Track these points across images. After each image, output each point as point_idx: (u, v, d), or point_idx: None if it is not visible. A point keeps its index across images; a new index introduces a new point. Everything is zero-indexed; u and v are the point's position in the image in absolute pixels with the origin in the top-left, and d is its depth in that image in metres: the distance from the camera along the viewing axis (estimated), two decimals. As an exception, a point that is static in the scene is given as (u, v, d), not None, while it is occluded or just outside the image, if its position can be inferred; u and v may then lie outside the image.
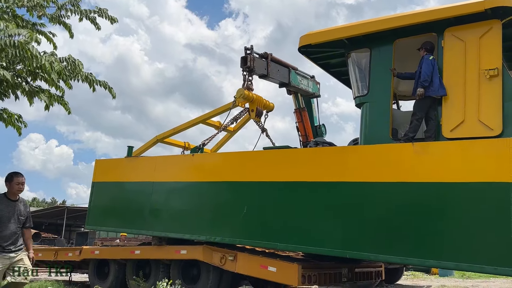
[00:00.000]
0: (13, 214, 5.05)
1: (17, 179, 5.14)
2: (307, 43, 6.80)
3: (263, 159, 6.96)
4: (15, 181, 5.12)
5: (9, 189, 5.14)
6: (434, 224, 5.23)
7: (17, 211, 5.11)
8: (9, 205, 5.07)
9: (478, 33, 5.57)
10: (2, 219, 4.99)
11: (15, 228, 5.06)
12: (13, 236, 5.01)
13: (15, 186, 5.12)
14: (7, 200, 5.10)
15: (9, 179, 5.14)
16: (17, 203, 5.15)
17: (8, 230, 4.98)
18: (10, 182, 5.12)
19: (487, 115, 5.33)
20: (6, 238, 4.96)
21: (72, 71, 6.41)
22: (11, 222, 5.01)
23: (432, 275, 15.24)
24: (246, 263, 6.85)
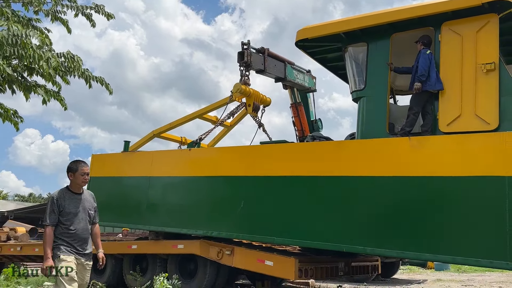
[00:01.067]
0: (81, 209, 4.34)
1: (82, 169, 4.36)
2: (304, 37, 6.78)
3: (260, 154, 6.96)
4: (80, 171, 4.35)
5: (74, 181, 4.39)
6: (431, 218, 5.26)
7: (85, 206, 4.40)
8: (75, 199, 4.35)
9: (475, 27, 5.56)
10: (70, 216, 4.26)
11: (85, 225, 4.34)
12: (83, 235, 4.32)
13: (79, 178, 4.35)
14: (72, 194, 4.37)
15: (74, 169, 4.35)
16: (83, 196, 4.43)
17: (78, 228, 4.28)
18: (74, 173, 4.35)
19: (484, 109, 5.34)
20: (77, 238, 4.27)
21: (70, 67, 6.38)
22: (79, 218, 4.30)
23: (428, 269, 15.35)
24: (243, 257, 6.87)
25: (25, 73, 6.83)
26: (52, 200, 4.27)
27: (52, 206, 4.23)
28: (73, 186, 4.39)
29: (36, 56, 5.43)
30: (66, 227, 4.23)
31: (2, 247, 10.90)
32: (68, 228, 4.23)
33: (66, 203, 4.28)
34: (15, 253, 10.61)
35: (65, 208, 4.25)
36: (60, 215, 4.22)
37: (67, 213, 4.24)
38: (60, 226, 4.23)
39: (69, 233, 4.23)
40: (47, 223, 4.19)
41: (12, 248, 10.70)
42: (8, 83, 6.55)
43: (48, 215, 4.21)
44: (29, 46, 5.30)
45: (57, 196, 4.28)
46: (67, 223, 4.23)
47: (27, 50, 5.30)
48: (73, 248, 4.22)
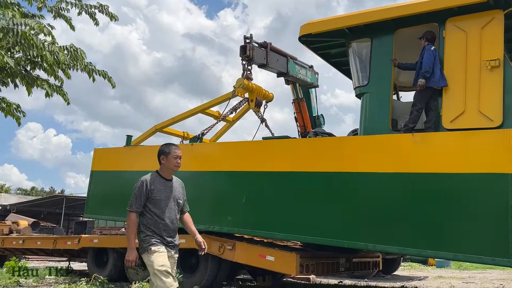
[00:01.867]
0: (172, 197, 3.93)
1: (174, 152, 3.98)
2: (308, 32, 6.75)
3: (262, 149, 6.95)
4: (173, 154, 3.96)
5: (165, 165, 3.97)
6: (433, 215, 5.25)
7: (175, 194, 3.98)
8: (166, 186, 3.93)
9: (480, 23, 5.52)
10: (160, 204, 3.84)
11: (174, 215, 3.94)
12: (173, 225, 3.91)
13: (172, 161, 3.95)
14: (162, 180, 3.94)
15: (166, 152, 3.97)
16: (173, 183, 4.02)
17: (168, 217, 3.86)
18: (166, 156, 3.96)
19: (488, 106, 5.31)
20: (167, 228, 3.85)
21: (73, 60, 6.38)
22: (169, 207, 3.88)
23: (429, 266, 15.37)
24: (244, 252, 6.87)
25: (28, 67, 6.84)
26: (142, 183, 3.83)
27: (140, 190, 3.80)
28: (164, 171, 3.97)
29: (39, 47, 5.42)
30: (155, 216, 3.79)
31: (5, 240, 10.96)
32: (157, 217, 3.80)
33: (157, 188, 3.85)
34: (17, 246, 10.66)
35: (155, 194, 3.82)
36: (148, 201, 3.80)
37: (156, 200, 3.81)
38: (148, 214, 3.79)
39: (158, 222, 3.80)
40: (132, 209, 3.77)
41: (15, 241, 10.75)
42: (11, 76, 6.56)
43: (135, 199, 3.79)
44: (30, 37, 5.29)
45: (149, 180, 3.85)
46: (155, 211, 3.80)
47: (28, 41, 5.29)
48: (162, 239, 3.81)
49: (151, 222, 3.79)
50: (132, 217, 3.76)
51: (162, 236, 3.80)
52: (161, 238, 3.79)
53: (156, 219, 3.80)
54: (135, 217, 3.76)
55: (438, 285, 9.39)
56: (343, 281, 9.70)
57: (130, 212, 3.78)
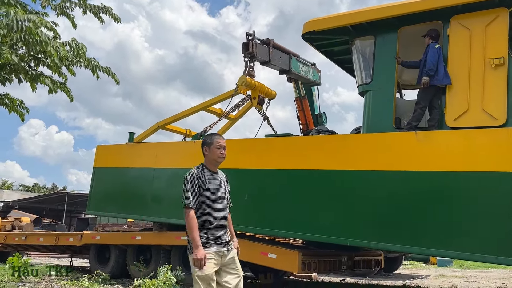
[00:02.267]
0: (220, 192, 3.66)
1: (217, 142, 3.71)
2: (311, 29, 6.73)
3: (265, 147, 6.95)
4: (216, 144, 3.69)
5: (209, 156, 3.70)
6: (436, 213, 5.23)
7: (223, 188, 3.71)
8: (214, 179, 3.66)
9: (484, 21, 5.50)
10: (211, 199, 3.58)
11: (225, 211, 3.66)
12: (224, 222, 3.62)
13: (215, 152, 3.67)
14: (209, 173, 3.67)
15: (208, 143, 3.72)
16: (219, 177, 3.74)
17: (218, 214, 3.58)
18: (209, 147, 3.70)
19: (492, 104, 5.29)
20: (218, 226, 3.55)
21: (76, 55, 6.39)
22: (220, 203, 3.62)
23: (431, 264, 15.36)
24: (246, 249, 6.84)
25: (32, 63, 6.85)
26: (192, 178, 3.56)
27: (192, 185, 3.53)
28: (209, 163, 3.70)
29: (43, 42, 5.43)
30: (206, 213, 3.54)
31: (7, 236, 10.99)
32: (208, 213, 3.53)
33: (206, 182, 3.58)
34: (19, 242, 10.69)
35: (206, 189, 3.56)
36: (200, 196, 3.55)
37: (207, 195, 3.56)
38: (201, 210, 3.54)
39: (209, 219, 3.53)
40: (190, 205, 3.48)
41: (17, 237, 10.78)
42: (15, 72, 6.57)
43: (191, 195, 3.50)
44: (35, 32, 5.30)
45: (198, 173, 3.58)
46: (206, 207, 3.55)
47: (33, 36, 5.30)
48: (214, 238, 3.51)
49: (202, 219, 3.51)
50: (191, 213, 3.46)
51: (213, 234, 3.51)
52: (212, 237, 3.49)
53: (207, 216, 3.53)
54: (194, 213, 3.47)
55: (440, 283, 9.38)
56: (345, 279, 9.71)
57: (187, 208, 3.49)
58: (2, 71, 6.54)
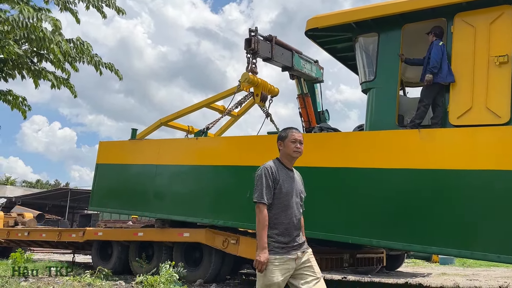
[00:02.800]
0: (295, 191, 3.33)
1: (292, 135, 3.38)
2: (314, 26, 6.71)
3: (267, 144, 6.93)
4: (290, 138, 3.36)
5: (284, 151, 3.39)
6: (438, 211, 5.22)
7: (297, 187, 3.38)
8: (289, 176, 3.33)
9: (488, 18, 5.47)
10: (287, 197, 3.26)
11: (298, 212, 3.33)
12: (298, 223, 3.29)
13: (290, 146, 3.35)
14: (285, 169, 3.35)
15: (283, 136, 3.41)
16: (295, 175, 3.42)
17: (294, 214, 3.25)
18: (283, 141, 3.39)
19: (495, 102, 5.26)
20: (291, 228, 3.22)
21: (79, 53, 6.39)
22: (295, 202, 3.30)
23: (433, 263, 15.34)
24: (248, 246, 6.87)
25: (35, 59, 6.85)
26: (267, 171, 3.24)
27: (267, 179, 3.20)
28: (284, 158, 3.39)
29: (46, 39, 5.43)
30: (280, 211, 3.21)
31: (10, 232, 11.03)
32: (283, 213, 3.21)
33: (282, 178, 3.27)
34: (22, 238, 10.73)
35: (281, 185, 3.24)
36: (274, 193, 3.22)
37: (283, 192, 3.23)
38: (273, 209, 3.21)
39: (284, 219, 3.21)
40: (264, 201, 3.15)
41: (20, 233, 10.82)
42: (18, 68, 6.58)
43: (264, 189, 3.17)
44: (39, 30, 5.30)
45: (274, 168, 3.27)
46: (281, 206, 3.22)
47: (37, 34, 5.30)
48: (285, 243, 3.18)
49: (274, 219, 3.18)
50: (263, 210, 3.14)
51: (285, 236, 3.18)
52: (284, 240, 3.17)
53: (281, 215, 3.20)
54: (266, 210, 3.15)
55: (442, 282, 9.36)
56: (346, 277, 9.70)
57: (260, 204, 3.15)
58: (5, 66, 6.55)
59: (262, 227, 3.13)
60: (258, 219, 3.15)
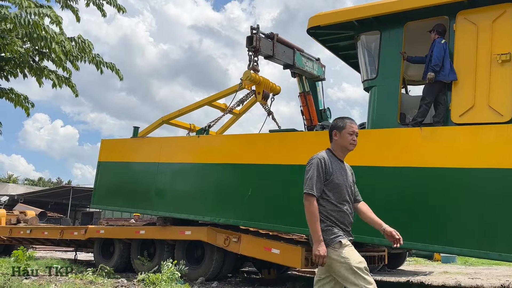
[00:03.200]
0: (347, 183, 3.21)
1: (350, 126, 3.22)
2: (316, 24, 6.70)
3: (269, 142, 6.94)
4: (348, 129, 3.21)
5: (338, 142, 3.22)
6: (440, 209, 5.21)
7: (349, 180, 3.25)
8: (342, 168, 3.21)
9: (491, 16, 5.45)
10: (340, 189, 3.12)
11: (351, 204, 3.24)
12: (352, 216, 3.22)
13: (347, 138, 3.20)
14: (338, 160, 3.22)
15: (340, 126, 3.22)
16: (346, 167, 3.29)
17: (347, 206, 3.16)
18: (340, 131, 3.21)
19: (498, 100, 5.25)
20: (348, 220, 3.16)
21: (81, 51, 6.40)
22: (348, 194, 3.19)
23: (435, 261, 15.32)
24: (250, 244, 6.89)
25: (37, 57, 6.86)
26: (320, 162, 3.10)
27: (318, 170, 3.07)
28: (337, 150, 3.23)
29: (48, 37, 5.43)
30: (333, 204, 3.09)
31: (12, 230, 11.06)
32: (336, 205, 3.09)
33: (335, 170, 3.13)
34: (24, 236, 10.76)
35: (334, 177, 3.10)
36: (326, 185, 3.09)
37: (335, 184, 3.10)
38: (325, 201, 3.08)
39: (340, 211, 3.09)
40: (313, 192, 3.03)
41: (22, 231, 10.85)
42: (20, 67, 6.59)
43: (315, 180, 3.05)
44: (41, 28, 5.30)
45: (326, 159, 3.13)
46: (334, 198, 3.09)
47: (39, 32, 5.31)
48: (346, 233, 3.11)
49: (332, 210, 3.07)
50: (314, 202, 3.01)
51: (345, 229, 3.10)
52: (344, 232, 3.09)
53: (337, 207, 3.08)
54: (316, 202, 3.03)
55: (444, 280, 9.35)
56: (348, 275, 9.68)
57: (309, 196, 3.03)
58: (7, 65, 6.56)
59: (315, 219, 3.00)
60: (309, 211, 3.02)
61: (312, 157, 3.18)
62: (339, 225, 3.08)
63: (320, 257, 2.95)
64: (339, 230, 3.05)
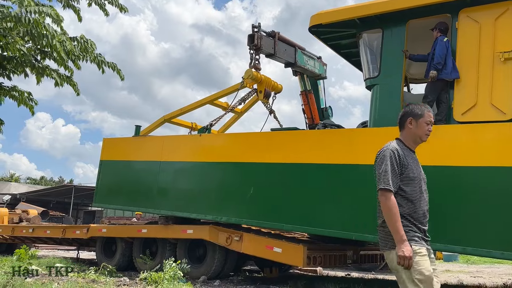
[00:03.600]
0: (422, 176, 2.93)
1: (429, 114, 2.94)
2: (318, 22, 6.68)
3: (271, 141, 6.93)
4: (426, 118, 2.91)
5: (413, 132, 2.93)
6: (442, 208, 5.19)
7: (422, 171, 2.97)
8: (416, 160, 2.92)
9: (493, 14, 5.43)
10: (415, 184, 2.83)
11: (427, 199, 2.94)
12: (428, 213, 2.92)
13: (424, 128, 2.91)
14: (410, 152, 2.92)
15: (417, 114, 2.90)
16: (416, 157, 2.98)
17: (424, 202, 2.88)
18: (417, 120, 2.91)
19: (500, 98, 5.23)
20: (425, 218, 2.86)
21: (83, 51, 6.40)
22: (424, 189, 2.90)
23: (437, 259, 15.32)
24: (251, 243, 6.89)
25: (38, 56, 6.87)
26: (393, 154, 2.78)
27: (392, 163, 2.76)
28: (409, 140, 2.93)
29: (49, 36, 5.43)
30: (409, 200, 2.77)
31: (15, 229, 11.09)
32: (412, 202, 2.78)
33: (409, 162, 2.82)
34: (27, 234, 10.78)
35: (409, 169, 2.80)
36: (400, 180, 2.77)
37: (411, 177, 2.80)
38: (400, 198, 2.77)
39: (417, 208, 2.79)
40: (390, 187, 2.71)
41: (24, 230, 10.87)
42: (21, 66, 6.59)
43: (391, 175, 2.73)
44: (42, 26, 5.30)
45: (400, 150, 2.82)
46: (410, 194, 2.78)
47: (40, 30, 5.31)
48: (423, 234, 2.82)
49: (408, 207, 2.76)
50: (392, 197, 2.70)
51: (423, 229, 2.82)
52: (422, 233, 2.80)
53: (413, 204, 2.78)
54: (394, 198, 2.71)
55: (446, 279, 9.34)
56: (350, 274, 9.70)
57: (386, 191, 2.71)
58: (9, 64, 6.56)
59: (396, 216, 2.67)
60: (387, 208, 2.69)
61: (382, 149, 2.86)
62: (416, 224, 2.77)
63: (406, 258, 2.63)
64: (415, 232, 2.74)
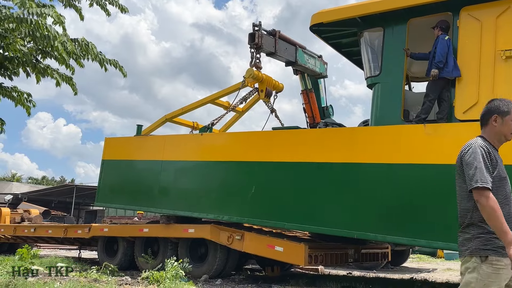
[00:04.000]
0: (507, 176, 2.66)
1: None
2: (319, 21, 6.68)
3: (272, 140, 6.93)
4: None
5: (498, 129, 2.71)
6: (443, 206, 5.19)
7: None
8: (500, 159, 2.68)
9: (495, 12, 5.43)
10: (502, 184, 2.59)
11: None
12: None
13: (510, 125, 2.68)
14: (495, 151, 2.70)
15: (503, 111, 2.68)
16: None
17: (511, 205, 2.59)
18: (503, 117, 2.68)
19: (502, 97, 5.20)
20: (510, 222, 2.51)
21: (84, 52, 6.40)
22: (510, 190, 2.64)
23: (438, 258, 15.31)
24: (253, 242, 6.89)
25: (39, 56, 6.86)
26: (483, 151, 2.58)
27: (484, 160, 2.54)
28: (493, 138, 2.71)
29: (51, 37, 5.43)
30: (501, 203, 2.50)
31: (17, 228, 11.11)
32: (503, 204, 2.52)
33: (498, 160, 2.62)
34: (29, 234, 10.80)
35: (500, 169, 2.58)
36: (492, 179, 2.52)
37: (501, 177, 2.57)
38: None
39: (506, 213, 2.51)
40: (486, 184, 2.46)
41: (26, 229, 10.89)
42: (22, 66, 6.59)
43: (486, 172, 2.50)
44: (44, 27, 5.30)
45: (489, 147, 2.63)
46: (500, 196, 2.52)
47: (41, 31, 5.31)
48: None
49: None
50: (490, 195, 2.44)
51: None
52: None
53: (504, 206, 2.51)
54: (493, 196, 2.45)
55: (447, 277, 9.34)
56: (351, 272, 9.71)
57: (484, 190, 2.45)
58: (10, 64, 6.57)
59: (502, 217, 2.41)
60: (491, 209, 2.42)
61: (469, 145, 2.64)
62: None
63: None
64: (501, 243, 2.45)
